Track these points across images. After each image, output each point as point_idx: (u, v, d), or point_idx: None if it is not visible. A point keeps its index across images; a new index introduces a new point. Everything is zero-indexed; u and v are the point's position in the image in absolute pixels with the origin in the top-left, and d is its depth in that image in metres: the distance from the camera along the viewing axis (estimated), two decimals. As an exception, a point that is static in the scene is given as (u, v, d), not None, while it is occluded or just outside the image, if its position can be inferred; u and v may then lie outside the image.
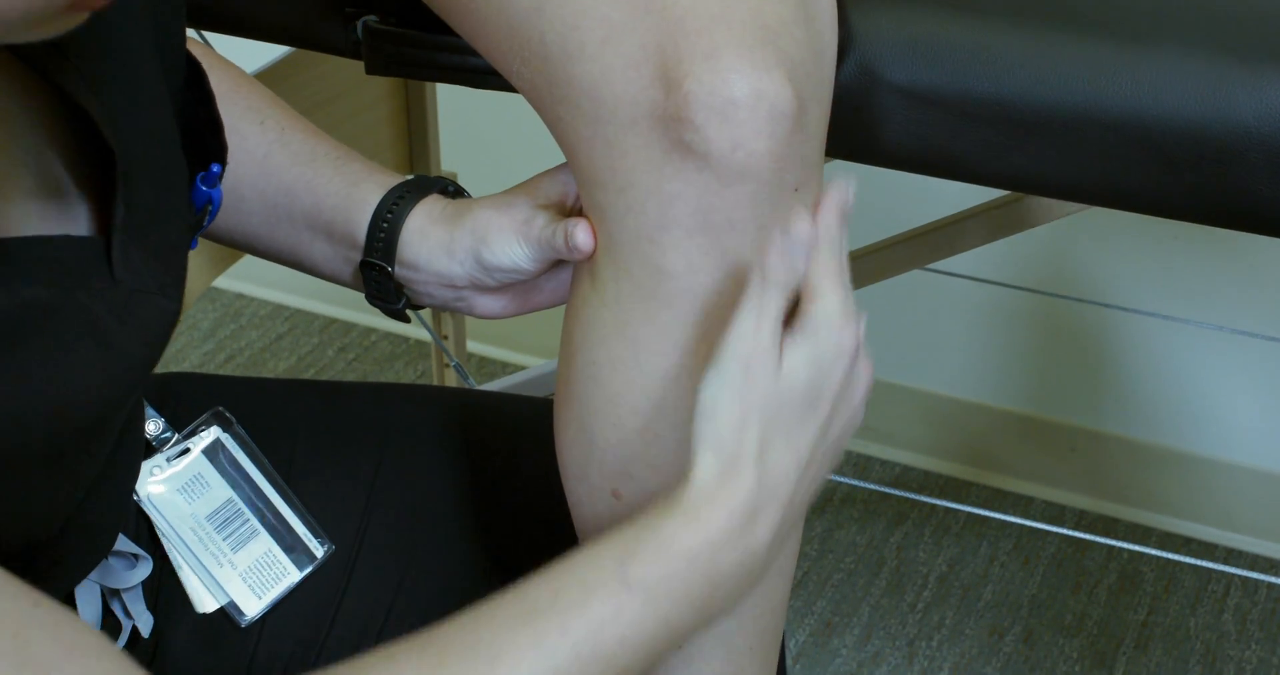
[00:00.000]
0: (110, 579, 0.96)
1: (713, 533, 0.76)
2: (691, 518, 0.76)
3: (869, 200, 1.98)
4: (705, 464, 0.77)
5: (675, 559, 0.75)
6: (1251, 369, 2.02)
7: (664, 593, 0.75)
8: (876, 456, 2.27)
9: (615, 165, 0.82)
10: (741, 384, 0.78)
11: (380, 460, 1.08)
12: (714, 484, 0.77)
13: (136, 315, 0.76)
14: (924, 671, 1.92)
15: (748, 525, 0.77)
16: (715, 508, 0.76)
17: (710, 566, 0.76)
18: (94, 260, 0.74)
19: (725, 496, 0.76)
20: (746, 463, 0.77)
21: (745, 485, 0.77)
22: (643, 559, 0.75)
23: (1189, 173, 0.83)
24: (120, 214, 0.75)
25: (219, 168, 0.86)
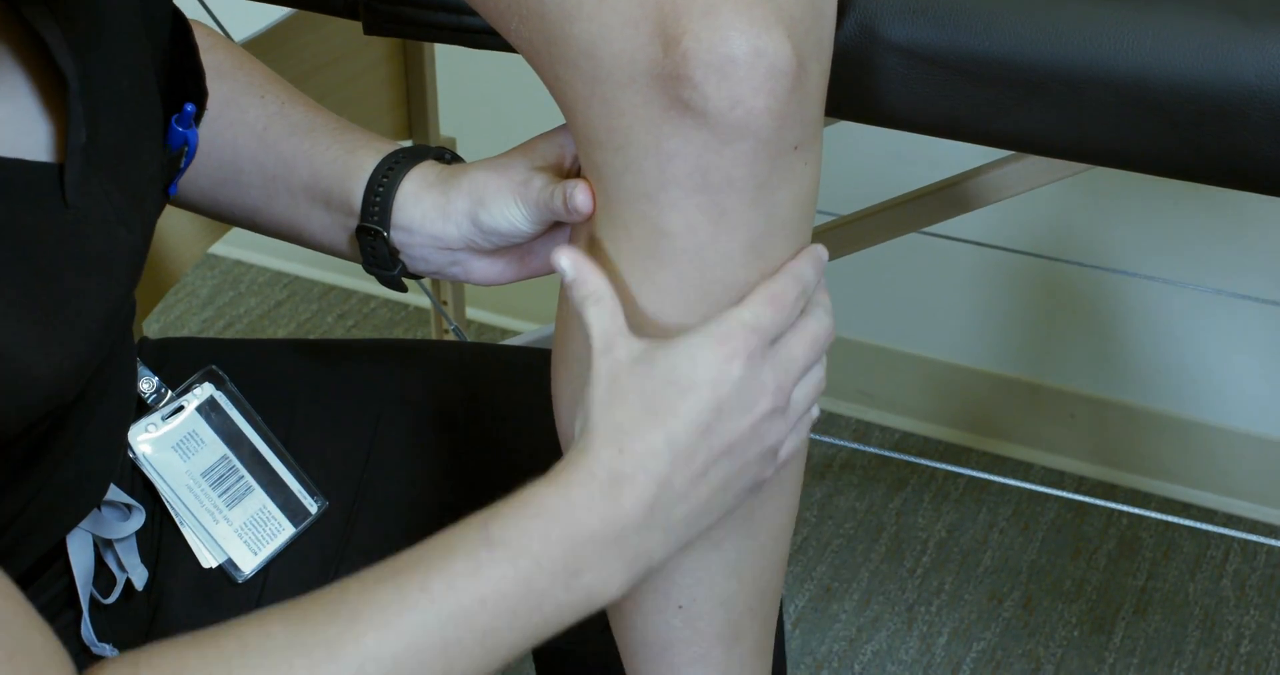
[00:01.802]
0: (103, 529, 0.96)
1: (571, 492, 0.77)
2: (550, 480, 0.77)
3: (867, 163, 1.98)
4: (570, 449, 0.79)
5: (532, 517, 0.76)
6: (1251, 334, 2.02)
7: (522, 549, 0.75)
8: (876, 422, 2.26)
9: (613, 124, 0.81)
10: (604, 379, 0.80)
11: (380, 417, 1.08)
12: (578, 452, 0.78)
13: (88, 244, 0.76)
14: (923, 637, 1.93)
15: (610, 490, 0.77)
16: (574, 470, 0.77)
17: (570, 527, 0.76)
18: (45, 183, 0.75)
19: (584, 460, 0.77)
20: (605, 433, 0.78)
21: (604, 454, 0.77)
22: (504, 518, 0.76)
23: (1190, 132, 0.82)
24: (79, 140, 0.76)
25: (193, 107, 0.86)
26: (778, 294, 0.82)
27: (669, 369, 0.79)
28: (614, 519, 0.77)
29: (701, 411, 0.79)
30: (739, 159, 0.80)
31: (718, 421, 0.80)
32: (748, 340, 0.80)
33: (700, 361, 0.79)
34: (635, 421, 0.78)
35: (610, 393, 0.80)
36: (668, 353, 0.80)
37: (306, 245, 1.03)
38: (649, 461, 0.78)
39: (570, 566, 0.76)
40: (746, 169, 0.81)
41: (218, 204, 1.03)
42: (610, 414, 0.79)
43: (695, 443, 0.79)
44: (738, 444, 0.81)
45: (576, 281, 0.82)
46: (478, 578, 0.74)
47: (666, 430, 0.78)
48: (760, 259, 0.84)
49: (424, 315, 2.48)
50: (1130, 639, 1.93)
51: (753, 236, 0.83)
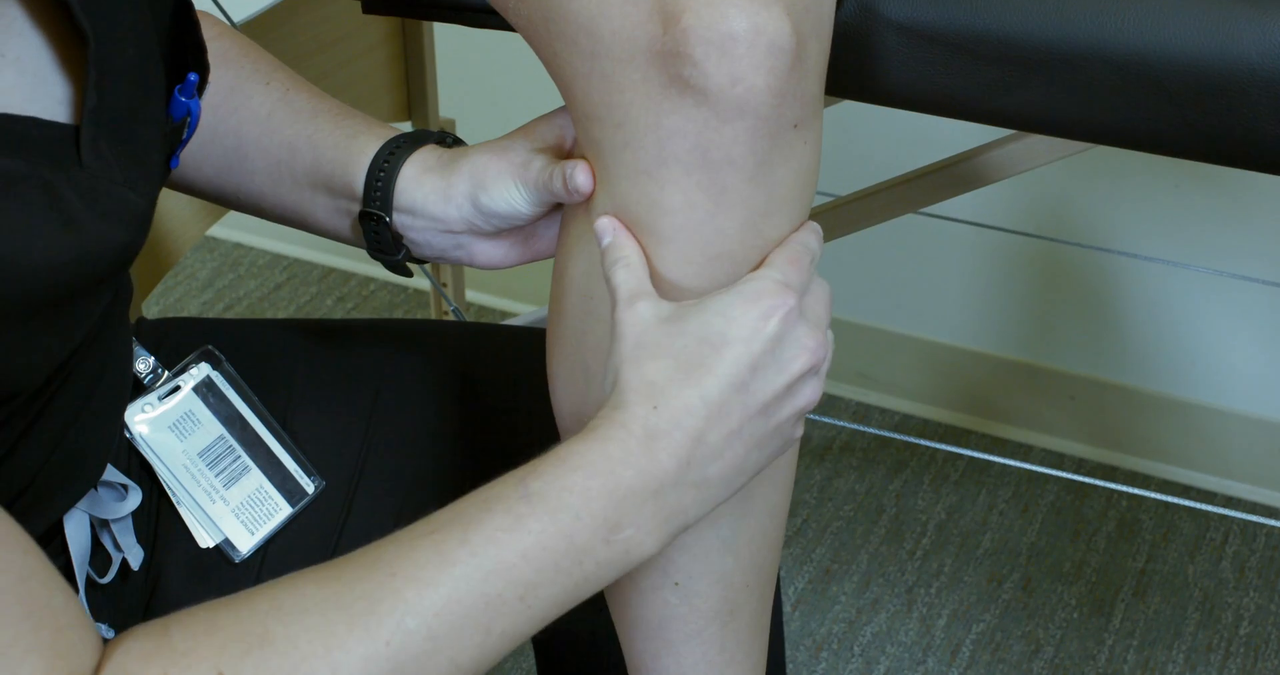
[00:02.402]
0: (99, 509, 0.96)
1: (610, 448, 0.76)
2: (589, 437, 0.77)
3: (866, 143, 1.98)
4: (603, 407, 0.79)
5: (574, 471, 0.75)
6: (1252, 315, 2.02)
7: (563, 504, 0.75)
8: (875, 405, 2.27)
9: (612, 101, 0.81)
10: (631, 335, 0.80)
11: (377, 396, 1.08)
12: (609, 411, 0.78)
13: (101, 202, 0.77)
14: (922, 618, 1.93)
15: (646, 447, 0.77)
16: (610, 426, 0.77)
17: (610, 481, 0.76)
18: (62, 143, 0.76)
19: (619, 416, 0.77)
20: (638, 389, 0.78)
21: (638, 411, 0.77)
22: (541, 473, 0.76)
23: (1191, 110, 0.82)
24: (92, 102, 0.76)
25: (196, 77, 0.87)
26: (794, 257, 0.83)
27: (701, 326, 0.79)
28: (650, 473, 0.77)
29: (737, 368, 0.79)
30: (738, 137, 0.80)
31: (753, 379, 0.79)
32: (784, 297, 0.80)
33: (735, 318, 0.79)
34: (668, 378, 0.78)
35: (638, 349, 0.79)
36: (700, 311, 0.80)
37: (311, 231, 1.03)
38: (683, 417, 0.78)
39: (609, 520, 0.76)
40: (746, 147, 0.80)
41: (223, 190, 1.03)
42: (640, 371, 0.79)
43: (729, 399, 0.79)
44: (772, 403, 0.81)
45: (613, 245, 0.83)
46: (518, 532, 0.74)
47: (700, 387, 0.78)
48: (759, 237, 0.84)
49: (424, 298, 2.48)
50: (1130, 621, 1.93)
51: (752, 215, 0.83)
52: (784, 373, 0.81)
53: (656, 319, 0.80)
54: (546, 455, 0.77)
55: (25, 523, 0.87)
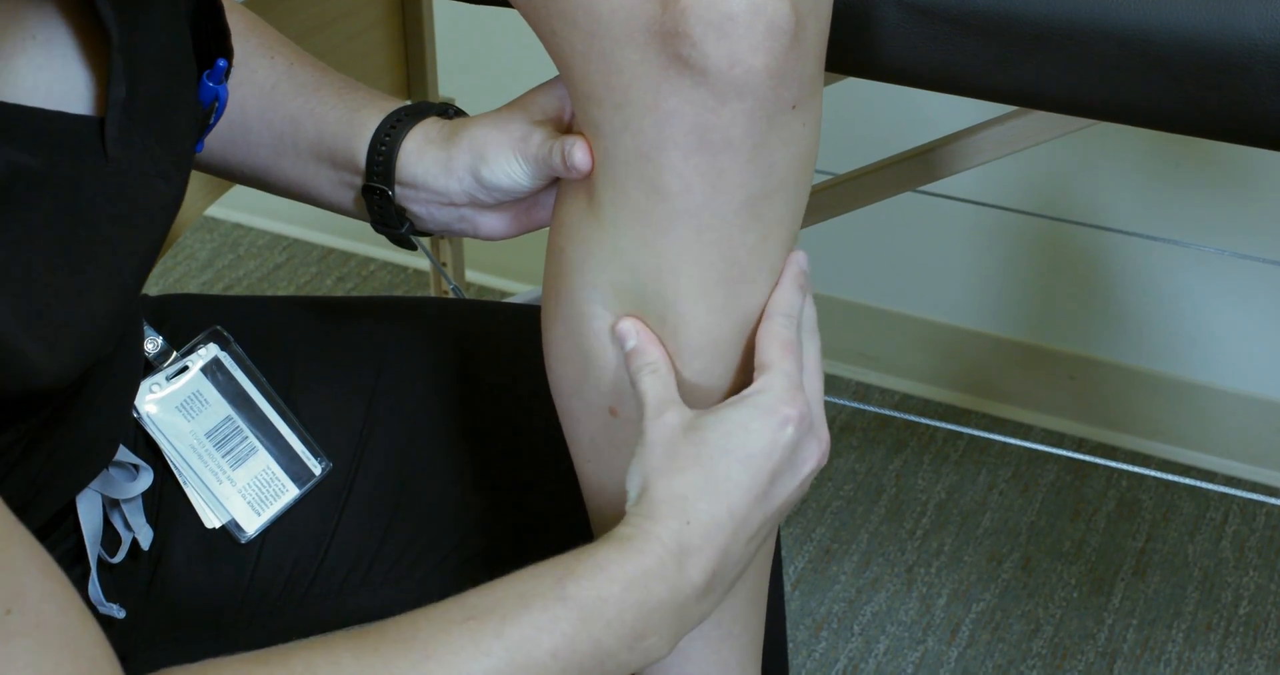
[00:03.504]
0: (111, 489, 0.96)
1: (646, 562, 0.79)
2: (625, 547, 0.79)
3: (864, 121, 1.98)
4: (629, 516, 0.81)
5: (610, 582, 0.78)
6: (1253, 294, 2.01)
7: (597, 612, 0.77)
8: (875, 385, 2.27)
9: (611, 81, 0.81)
10: (660, 447, 0.82)
11: (379, 375, 1.08)
12: (642, 523, 0.80)
13: (128, 196, 0.76)
14: (922, 597, 1.93)
15: (679, 562, 0.80)
16: (648, 540, 0.80)
17: (643, 594, 0.78)
18: (87, 137, 0.75)
19: (657, 531, 0.80)
20: (670, 502, 0.81)
21: (672, 524, 0.80)
22: (580, 578, 0.78)
23: (1192, 86, 0.82)
24: (119, 92, 0.76)
25: (225, 63, 0.87)
26: (787, 342, 0.86)
27: (724, 438, 0.82)
28: (681, 588, 0.80)
29: (759, 480, 0.82)
30: (737, 118, 0.80)
31: (772, 488, 0.83)
32: (796, 405, 0.84)
33: (755, 432, 0.83)
34: (698, 492, 0.81)
35: (668, 460, 0.82)
36: (721, 422, 0.83)
37: (314, 204, 1.03)
38: (714, 533, 0.81)
39: (637, 630, 0.79)
40: (744, 128, 0.80)
41: (227, 163, 1.03)
42: (671, 483, 0.82)
43: (753, 510, 0.83)
44: (784, 504, 0.85)
45: (637, 351, 0.85)
46: (551, 632, 0.76)
47: (729, 502, 0.81)
48: (758, 220, 0.84)
49: (423, 278, 2.48)
50: (1129, 600, 1.93)
51: (750, 197, 0.83)
52: (797, 476, 0.85)
53: (683, 429, 0.83)
54: (584, 557, 0.79)
55: (40, 505, 0.87)
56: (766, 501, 0.83)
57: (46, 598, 0.64)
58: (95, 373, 0.86)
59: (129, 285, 0.80)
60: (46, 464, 0.84)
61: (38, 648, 0.63)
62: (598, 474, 0.93)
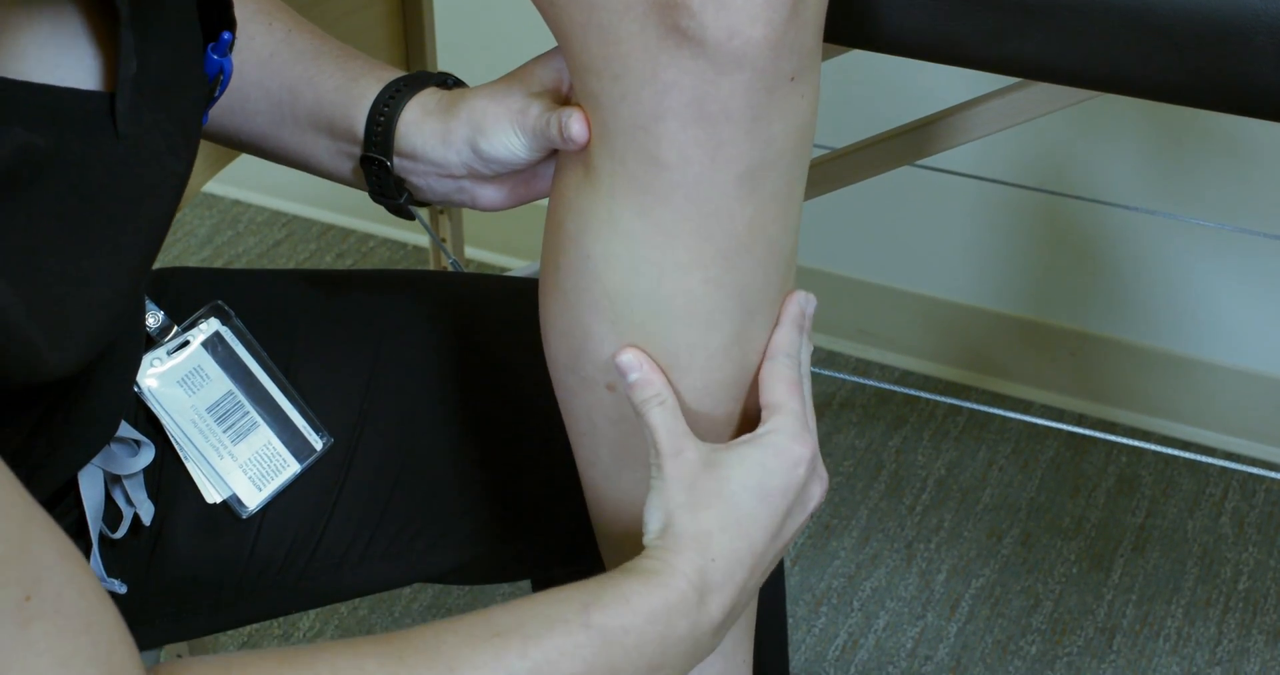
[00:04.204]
0: (113, 465, 0.96)
1: (671, 597, 0.81)
2: (650, 581, 0.81)
3: (862, 94, 1.97)
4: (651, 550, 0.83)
5: (635, 613, 0.79)
6: (1254, 270, 2.01)
7: (619, 642, 0.79)
8: (875, 361, 2.27)
9: (610, 52, 0.81)
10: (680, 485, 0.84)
11: (378, 349, 1.08)
12: (669, 557, 0.82)
13: (137, 174, 0.76)
14: (922, 573, 1.93)
15: (701, 599, 0.82)
16: (674, 576, 0.81)
17: (664, 628, 0.80)
18: (97, 114, 0.75)
19: (681, 566, 0.82)
20: (695, 539, 0.83)
21: (696, 561, 0.82)
22: (605, 607, 0.79)
23: (1193, 56, 0.82)
24: (129, 69, 0.75)
25: (230, 36, 0.86)
26: (792, 383, 0.88)
27: (745, 476, 0.85)
28: (700, 624, 0.82)
29: (776, 519, 0.85)
30: (735, 90, 0.80)
31: (784, 524, 0.86)
32: (807, 445, 0.87)
33: (772, 471, 0.85)
34: (721, 528, 0.83)
35: (691, 497, 0.84)
36: (741, 460, 0.85)
37: (313, 172, 1.03)
38: (735, 570, 0.83)
39: (654, 663, 0.80)
40: (743, 100, 0.80)
41: (225, 130, 1.03)
42: (696, 519, 0.83)
43: (769, 547, 0.85)
44: (793, 536, 0.88)
45: (640, 383, 0.86)
46: (573, 658, 0.77)
47: (749, 539, 0.84)
48: (755, 193, 0.84)
49: (423, 254, 2.48)
50: (1129, 576, 1.93)
51: (748, 168, 0.83)
52: (805, 512, 0.88)
53: (703, 465, 0.85)
54: (609, 586, 0.81)
55: (42, 480, 0.87)
56: (779, 538, 0.86)
57: (67, 582, 0.64)
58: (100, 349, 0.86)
59: (137, 267, 0.80)
60: (49, 441, 0.84)
61: (56, 632, 0.63)
62: (594, 449, 0.93)
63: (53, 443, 0.85)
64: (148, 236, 0.80)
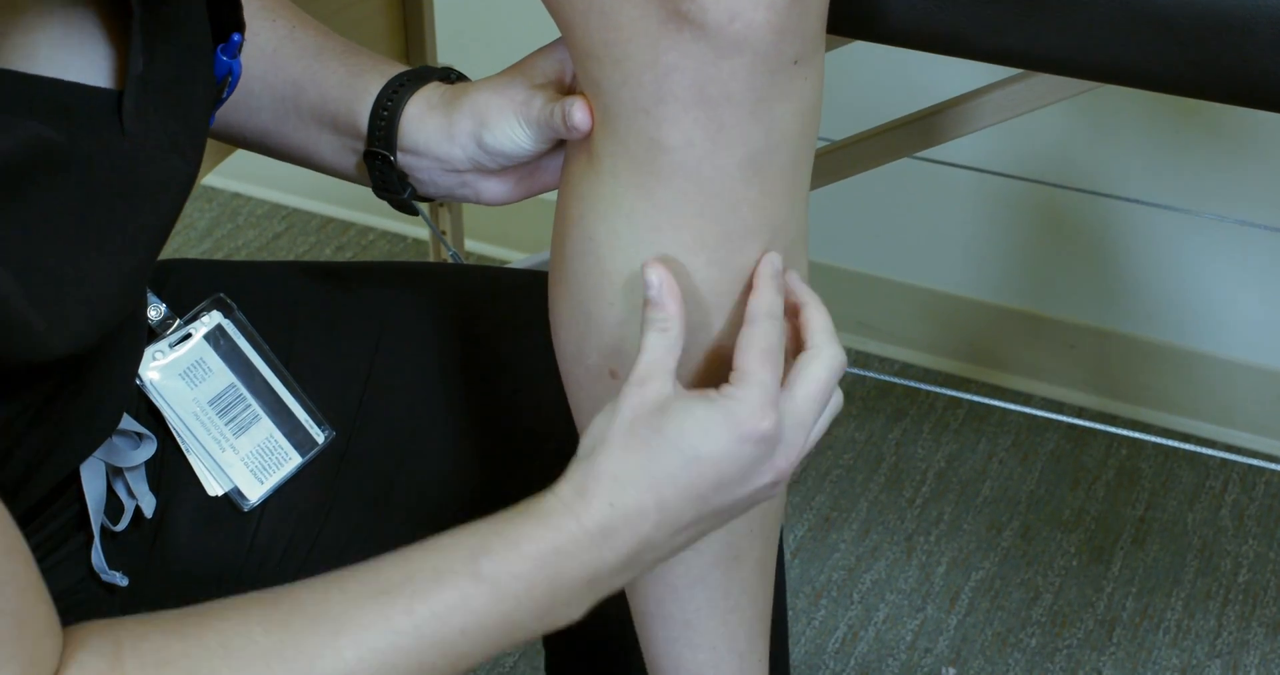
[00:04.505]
0: (115, 457, 0.96)
1: (561, 540, 0.78)
2: (543, 523, 0.79)
3: (861, 86, 1.97)
4: (568, 477, 0.80)
5: (524, 559, 0.77)
6: (1254, 262, 2.01)
7: (510, 591, 0.77)
8: (875, 353, 2.27)
9: (611, 37, 0.81)
10: (626, 417, 0.80)
11: (378, 341, 1.08)
12: (571, 495, 0.79)
13: (142, 172, 0.76)
14: (922, 566, 1.93)
15: (595, 541, 0.79)
16: (566, 517, 0.79)
17: (555, 571, 0.78)
18: (104, 111, 0.75)
19: (579, 508, 0.79)
20: (604, 482, 0.79)
21: (596, 504, 0.79)
22: (494, 554, 0.77)
23: (1195, 47, 0.82)
24: (137, 67, 0.75)
25: (239, 37, 0.87)
26: (766, 349, 0.82)
27: (678, 433, 0.80)
28: (594, 566, 0.79)
29: (700, 483, 0.81)
30: (737, 73, 0.80)
31: (714, 493, 0.81)
32: (760, 423, 0.81)
33: (712, 436, 0.80)
34: (632, 477, 0.80)
35: (623, 434, 0.80)
36: (686, 414, 0.80)
37: (316, 168, 1.03)
38: (636, 519, 0.79)
39: (548, 604, 0.78)
40: (744, 83, 0.80)
41: (229, 126, 1.03)
42: (613, 460, 0.80)
43: (684, 508, 0.81)
44: (727, 508, 0.83)
45: (655, 303, 0.82)
46: (462, 610, 0.76)
47: (658, 495, 0.80)
48: (759, 176, 0.84)
49: (423, 247, 2.48)
50: (1129, 568, 1.93)
51: (751, 152, 0.83)
52: (746, 487, 0.82)
53: (654, 407, 0.81)
54: (501, 530, 0.78)
55: (44, 473, 0.87)
56: (703, 502, 0.81)
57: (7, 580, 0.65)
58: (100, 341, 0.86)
59: (140, 262, 0.80)
60: (51, 432, 0.84)
61: None
62: None
63: (55, 435, 0.85)
64: (151, 233, 0.80)
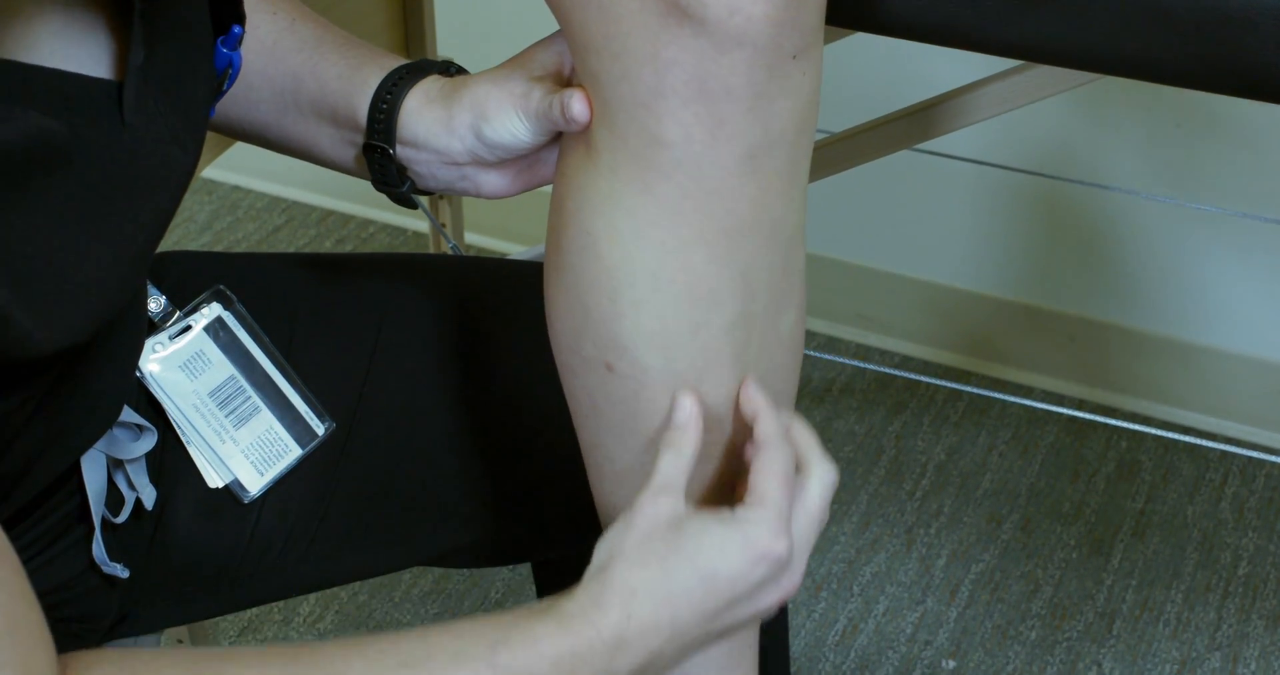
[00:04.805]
0: (116, 449, 0.96)
1: (579, 645, 0.79)
2: (563, 626, 0.80)
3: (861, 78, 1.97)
4: (585, 586, 0.82)
5: (541, 658, 0.79)
6: (1254, 255, 2.01)
7: None
8: (875, 346, 2.27)
9: (610, 30, 0.81)
10: (641, 530, 0.83)
11: (378, 332, 1.08)
12: (589, 603, 0.81)
13: (141, 164, 0.76)
14: (922, 558, 1.94)
15: (610, 651, 0.80)
16: (585, 624, 0.80)
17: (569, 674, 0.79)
18: (104, 101, 0.75)
19: (596, 617, 0.80)
20: (620, 593, 0.81)
21: (613, 615, 0.80)
22: (513, 647, 0.78)
23: (1197, 40, 0.82)
24: (138, 58, 0.75)
25: (240, 29, 0.87)
26: (781, 473, 0.86)
27: (695, 550, 0.82)
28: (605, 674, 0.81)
29: (714, 602, 0.83)
30: (736, 67, 0.80)
31: (725, 611, 0.84)
32: (774, 546, 0.83)
33: (728, 557, 0.83)
34: (649, 592, 0.81)
35: (638, 547, 0.83)
36: (702, 532, 0.83)
37: (315, 161, 1.03)
38: (650, 635, 0.81)
39: None
40: (744, 77, 0.80)
41: (228, 119, 1.03)
42: (630, 573, 0.82)
43: (696, 625, 0.83)
44: (730, 626, 0.85)
45: (680, 427, 0.86)
46: None
47: (673, 611, 0.82)
48: (757, 170, 0.84)
49: (423, 240, 2.48)
50: (1128, 561, 1.94)
51: (750, 147, 0.83)
52: (754, 606, 0.85)
53: (668, 523, 0.83)
54: (522, 626, 0.80)
55: (45, 465, 0.88)
56: (713, 621, 0.84)
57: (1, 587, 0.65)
58: (100, 333, 0.86)
59: (137, 255, 0.80)
60: (51, 425, 0.84)
61: None
62: (596, 431, 0.93)
63: (55, 427, 0.85)
64: (150, 226, 0.80)
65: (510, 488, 1.09)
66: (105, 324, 0.81)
